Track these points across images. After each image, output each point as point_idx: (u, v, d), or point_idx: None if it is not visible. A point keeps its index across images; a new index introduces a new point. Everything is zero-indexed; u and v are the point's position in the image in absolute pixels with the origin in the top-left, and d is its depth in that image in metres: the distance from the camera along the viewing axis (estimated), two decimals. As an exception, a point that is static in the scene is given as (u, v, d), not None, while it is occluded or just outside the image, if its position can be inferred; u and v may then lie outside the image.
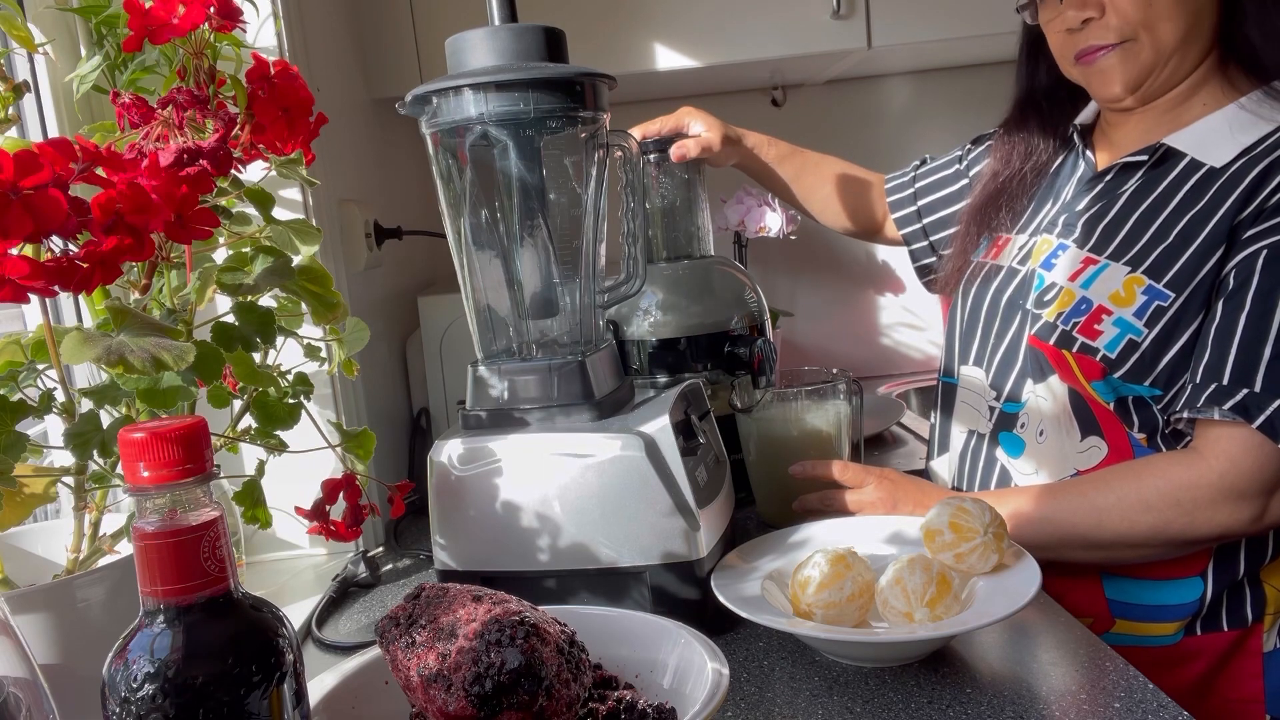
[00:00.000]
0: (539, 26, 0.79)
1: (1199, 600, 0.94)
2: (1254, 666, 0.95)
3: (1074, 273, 0.98)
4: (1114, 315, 0.93)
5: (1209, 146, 0.95)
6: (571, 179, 0.86)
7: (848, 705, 0.69)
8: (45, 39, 0.76)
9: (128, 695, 0.41)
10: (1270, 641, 0.96)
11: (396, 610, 0.56)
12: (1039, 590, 0.72)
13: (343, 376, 1.03)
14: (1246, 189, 0.90)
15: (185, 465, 0.41)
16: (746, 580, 0.80)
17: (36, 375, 0.67)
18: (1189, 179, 0.95)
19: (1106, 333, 0.93)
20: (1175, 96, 0.99)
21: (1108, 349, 0.93)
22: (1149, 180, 0.97)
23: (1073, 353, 0.95)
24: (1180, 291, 0.91)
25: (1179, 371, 0.91)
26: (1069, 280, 0.98)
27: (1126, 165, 0.99)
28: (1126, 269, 0.94)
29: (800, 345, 1.91)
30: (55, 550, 0.72)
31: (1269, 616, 0.95)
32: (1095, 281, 0.96)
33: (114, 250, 0.55)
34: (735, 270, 1.17)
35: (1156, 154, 0.97)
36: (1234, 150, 0.93)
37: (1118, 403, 0.94)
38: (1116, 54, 0.96)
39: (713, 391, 1.06)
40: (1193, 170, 0.95)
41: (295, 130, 0.72)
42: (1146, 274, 0.93)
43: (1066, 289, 0.97)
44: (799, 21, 1.40)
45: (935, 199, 1.30)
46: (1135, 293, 0.93)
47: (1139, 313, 0.92)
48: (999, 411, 1.04)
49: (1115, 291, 0.94)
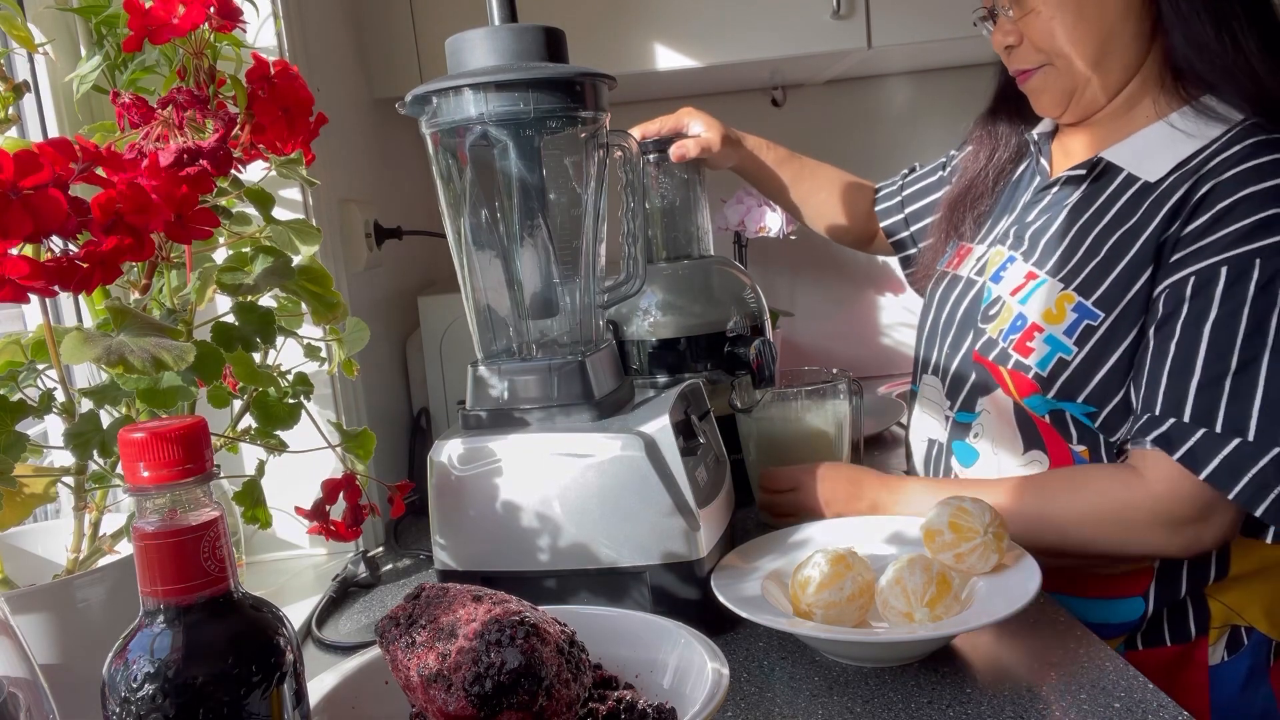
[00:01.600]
0: (539, 26, 0.79)
1: (1140, 618, 0.94)
2: (1200, 679, 0.95)
3: (1016, 287, 0.99)
4: (1045, 333, 0.94)
5: (1144, 160, 0.95)
6: (571, 179, 0.86)
7: (848, 705, 0.69)
8: (45, 39, 0.76)
9: (128, 695, 0.41)
10: (1216, 655, 0.95)
11: (396, 610, 0.56)
12: (1039, 590, 0.72)
13: (343, 376, 1.03)
14: (1174, 205, 0.90)
15: (185, 465, 0.41)
16: (746, 580, 0.80)
17: (36, 375, 0.67)
18: (1124, 194, 0.95)
19: (1038, 350, 0.94)
20: (1115, 110, 0.99)
21: (1039, 366, 0.94)
22: (1089, 194, 0.98)
23: (1008, 369, 0.96)
24: (1110, 311, 0.91)
25: (1112, 389, 0.91)
26: (1011, 295, 0.99)
27: (1071, 178, 1.01)
28: (1061, 285, 0.95)
29: (800, 345, 1.91)
30: (55, 550, 0.72)
31: (1214, 630, 0.95)
32: (1032, 298, 0.97)
33: (114, 250, 0.55)
34: (735, 270, 1.17)
35: (1096, 168, 0.98)
36: (1168, 165, 0.93)
37: (1053, 416, 0.95)
38: (1038, 77, 1.00)
39: (713, 391, 1.06)
40: (1129, 185, 0.95)
41: (295, 130, 0.72)
42: (1077, 291, 0.93)
43: (1008, 304, 0.99)
44: (799, 21, 1.40)
45: (921, 205, 1.30)
46: (1066, 310, 0.94)
47: (1069, 330, 0.93)
48: (953, 420, 1.05)
49: (1048, 309, 0.95)
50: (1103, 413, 0.92)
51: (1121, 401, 0.91)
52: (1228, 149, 0.89)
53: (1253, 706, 0.95)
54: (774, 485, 1.03)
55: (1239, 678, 0.95)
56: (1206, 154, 0.91)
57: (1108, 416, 0.92)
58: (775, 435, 1.05)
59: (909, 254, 1.33)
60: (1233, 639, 0.95)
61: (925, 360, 1.12)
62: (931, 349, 1.10)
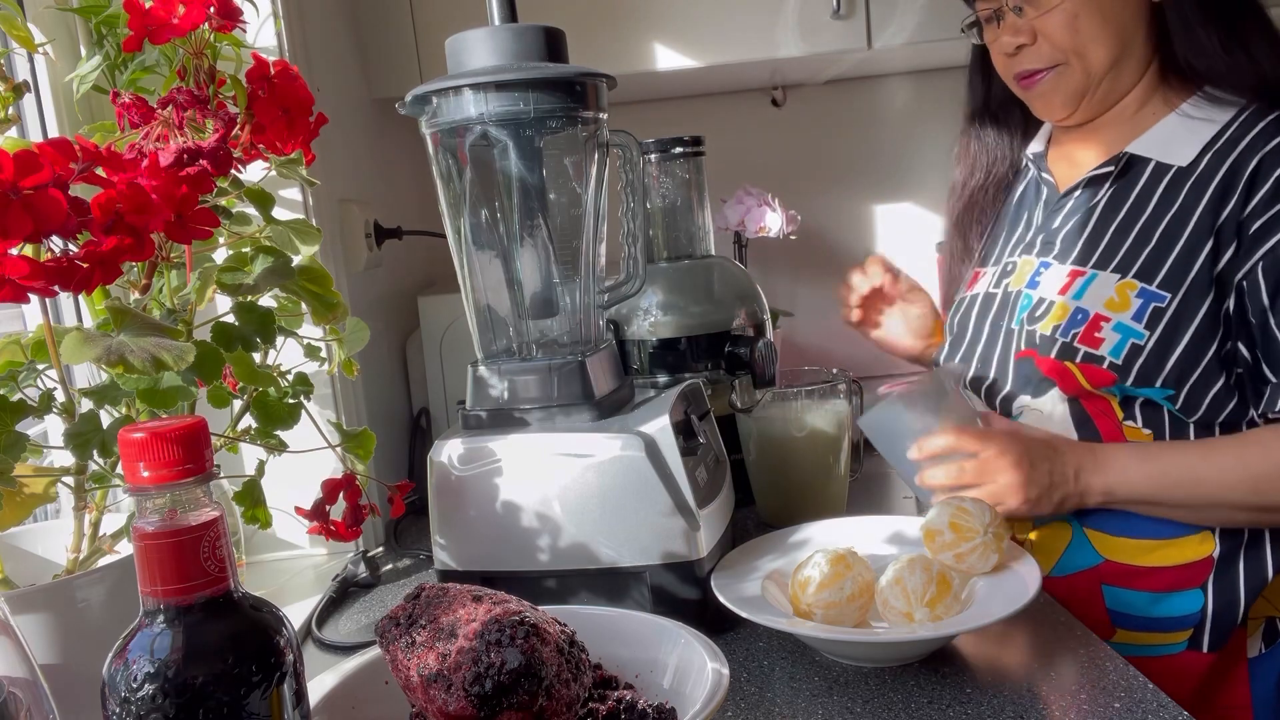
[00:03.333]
0: (539, 26, 0.79)
1: (1200, 612, 0.94)
2: (1240, 672, 0.95)
3: (1063, 287, 0.99)
4: (1112, 321, 0.94)
5: (1171, 148, 0.97)
6: (571, 179, 0.86)
7: (848, 705, 0.69)
8: (45, 39, 0.75)
9: (128, 695, 0.41)
10: (1254, 647, 0.96)
11: (396, 610, 0.56)
12: (1039, 590, 0.72)
13: (343, 376, 1.03)
14: (1221, 185, 0.92)
15: (185, 465, 0.41)
16: (746, 580, 0.80)
17: (36, 375, 0.67)
18: (1160, 181, 0.96)
19: (1108, 339, 0.93)
20: (1124, 109, 1.01)
21: (1113, 355, 0.93)
22: (1119, 190, 0.99)
23: (1077, 363, 0.95)
24: (1175, 291, 0.92)
25: (1189, 370, 0.91)
26: (1059, 294, 0.99)
27: (1094, 179, 1.01)
28: (1116, 276, 0.95)
29: (800, 345, 1.91)
30: (55, 550, 0.72)
31: (1252, 622, 0.95)
32: (1087, 292, 0.97)
33: (114, 250, 0.55)
34: (735, 270, 1.17)
35: (1121, 163, 0.99)
36: (1196, 148, 0.95)
37: (1124, 402, 0.94)
38: (1051, 78, 1.00)
39: (713, 391, 1.06)
40: (1162, 173, 0.96)
41: (295, 130, 0.72)
42: (1137, 278, 0.94)
43: (1060, 303, 0.98)
44: (799, 21, 1.39)
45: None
46: (1129, 297, 0.94)
47: (1137, 316, 0.93)
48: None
49: (1110, 298, 0.95)
50: (1181, 394, 0.92)
51: (1199, 381, 0.91)
52: (1253, 126, 0.92)
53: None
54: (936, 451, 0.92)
55: (1277, 671, 0.95)
56: (1232, 134, 0.93)
57: (1187, 397, 0.92)
58: (775, 435, 1.05)
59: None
60: (1269, 631, 0.95)
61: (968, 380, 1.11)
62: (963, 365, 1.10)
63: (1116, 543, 0.96)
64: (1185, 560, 0.94)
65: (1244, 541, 0.94)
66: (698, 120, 1.78)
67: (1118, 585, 0.96)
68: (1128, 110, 1.01)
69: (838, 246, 1.90)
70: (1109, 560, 0.96)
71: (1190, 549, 0.94)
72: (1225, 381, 0.91)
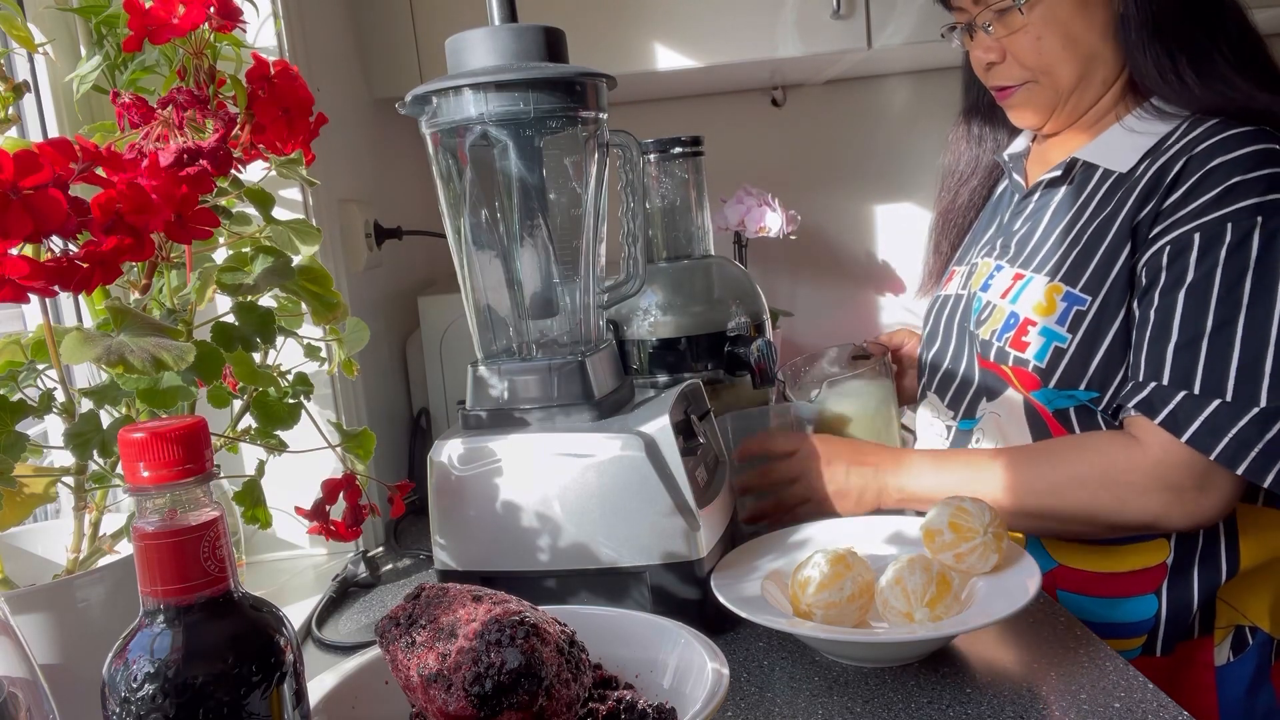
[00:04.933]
0: (539, 26, 0.79)
1: (1154, 617, 0.94)
2: (1206, 680, 0.95)
3: (1005, 290, 1.01)
4: (1038, 325, 0.96)
5: (1114, 154, 0.98)
6: (571, 179, 0.86)
7: (848, 705, 0.69)
8: (45, 39, 0.75)
9: (128, 695, 0.41)
10: (1222, 655, 0.95)
11: (396, 610, 0.56)
12: (1039, 590, 0.72)
13: (343, 376, 1.03)
14: (1146, 187, 0.93)
15: (185, 465, 0.41)
16: (746, 580, 0.80)
17: (36, 375, 0.67)
18: (1101, 187, 0.98)
19: (1034, 343, 0.95)
20: (1092, 117, 1.02)
21: (1037, 358, 0.95)
22: (1071, 195, 1.00)
23: (1010, 367, 0.97)
24: (1095, 294, 0.93)
25: (1111, 372, 0.92)
26: (1001, 298, 1.01)
27: (1050, 182, 1.03)
28: (1047, 279, 0.97)
29: (800, 345, 1.91)
30: (55, 550, 0.72)
31: (1219, 630, 0.95)
32: (1021, 295, 0.99)
33: (114, 250, 0.55)
34: (735, 270, 1.17)
35: (1068, 168, 1.00)
36: (1138, 154, 0.96)
37: (1059, 414, 0.95)
38: (1022, 93, 1.01)
39: (713, 391, 1.06)
40: (1105, 179, 0.98)
41: (295, 130, 0.72)
42: (1064, 281, 0.95)
43: (998, 306, 1.00)
44: (799, 21, 1.39)
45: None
46: (1055, 301, 0.95)
47: (1061, 319, 0.94)
48: (955, 430, 1.06)
49: (1038, 302, 0.96)
50: (1105, 397, 0.93)
51: (1122, 383, 0.92)
52: (1191, 131, 0.93)
53: (1258, 708, 0.95)
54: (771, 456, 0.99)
55: (1245, 679, 0.95)
56: (1172, 139, 0.94)
57: (1111, 401, 0.93)
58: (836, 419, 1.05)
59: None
60: (1237, 639, 0.95)
61: (929, 381, 1.14)
62: (934, 369, 1.12)
63: (1070, 548, 0.96)
64: (1139, 566, 0.94)
65: (1199, 546, 0.94)
66: (698, 120, 1.78)
67: (1072, 591, 0.96)
68: (1094, 117, 1.02)
69: (838, 246, 1.90)
70: (1063, 565, 0.96)
71: (1144, 555, 0.94)
72: None
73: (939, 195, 1.24)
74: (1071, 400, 0.94)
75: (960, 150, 1.20)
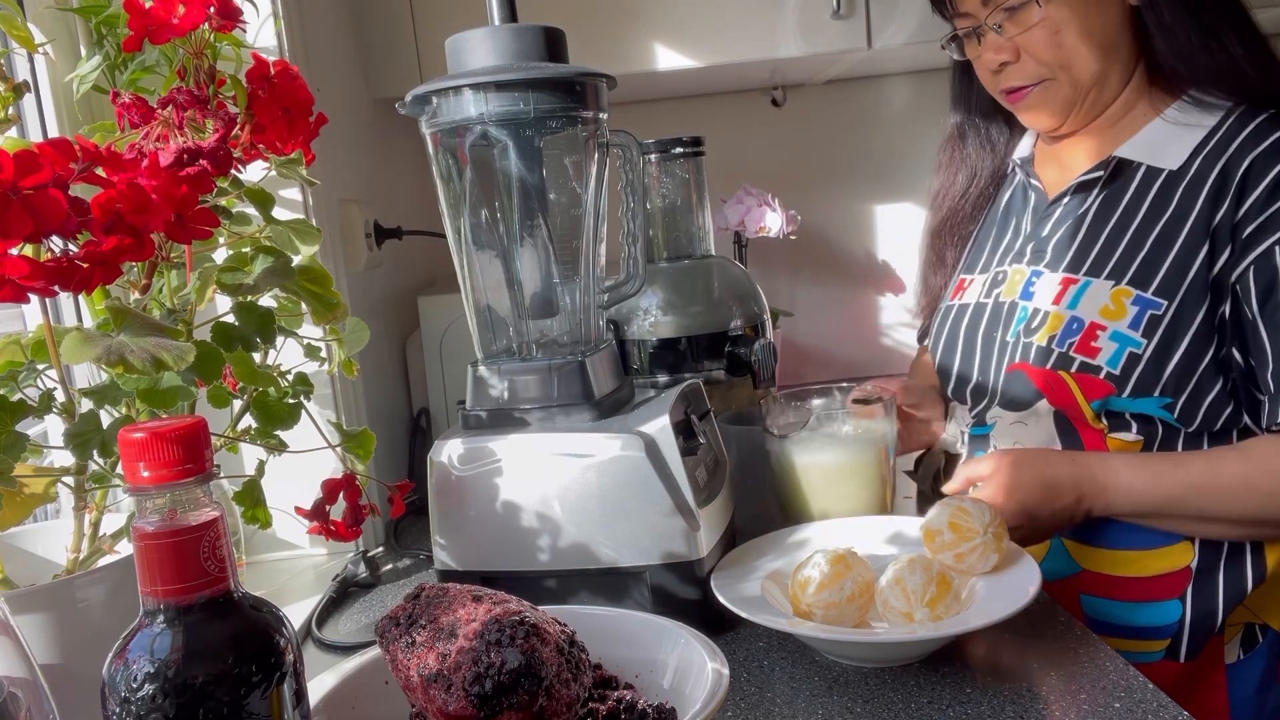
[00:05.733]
0: (539, 26, 0.79)
1: (1178, 622, 0.94)
2: (1218, 678, 0.95)
3: (1056, 296, 0.98)
4: (1109, 330, 0.93)
5: (1160, 151, 0.96)
6: (571, 179, 0.86)
7: (848, 705, 0.69)
8: (45, 39, 0.75)
9: (128, 695, 0.41)
10: (1233, 653, 0.95)
11: (396, 610, 0.56)
12: (1039, 590, 0.72)
13: (343, 376, 1.03)
14: (1213, 188, 0.91)
15: (185, 465, 0.41)
16: (746, 580, 0.80)
17: (36, 375, 0.67)
18: (1151, 185, 0.95)
19: (1105, 348, 0.92)
20: (1113, 114, 1.00)
21: (1110, 365, 0.92)
22: (1110, 195, 0.98)
23: (1072, 373, 0.94)
24: (1172, 297, 0.91)
25: (1186, 378, 0.90)
26: (1053, 304, 0.98)
27: (1083, 184, 1.00)
28: (1110, 282, 0.94)
29: (800, 345, 1.91)
30: (55, 550, 0.72)
31: (1230, 628, 0.95)
32: (1081, 300, 0.96)
33: (114, 250, 0.55)
34: (735, 270, 1.17)
35: (1110, 167, 0.98)
36: (1185, 151, 0.94)
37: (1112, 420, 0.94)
38: (1038, 92, 0.99)
39: (712, 391, 1.06)
40: (1152, 177, 0.96)
41: (295, 130, 0.72)
42: (1132, 284, 0.93)
43: (1054, 313, 0.97)
44: (799, 21, 1.39)
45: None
46: (1125, 305, 0.93)
47: (1134, 324, 0.92)
48: (968, 435, 1.06)
49: (1105, 306, 0.94)
50: (1179, 402, 0.91)
51: (1196, 388, 0.90)
52: (1242, 128, 0.92)
53: (1268, 706, 0.95)
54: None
55: (1255, 677, 0.95)
56: (1221, 136, 0.93)
57: (1184, 405, 0.91)
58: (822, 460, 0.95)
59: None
60: (1247, 637, 0.95)
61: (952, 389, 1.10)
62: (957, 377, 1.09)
63: (1094, 553, 0.96)
64: (1163, 570, 0.94)
65: (1224, 553, 0.93)
66: (698, 120, 1.78)
67: (1095, 595, 0.96)
68: (1115, 114, 1.00)
69: (838, 246, 1.90)
70: (1087, 570, 0.96)
71: (1168, 559, 0.93)
72: (1221, 388, 0.90)
73: (929, 215, 1.21)
74: (1148, 407, 0.92)
75: (956, 167, 1.17)
